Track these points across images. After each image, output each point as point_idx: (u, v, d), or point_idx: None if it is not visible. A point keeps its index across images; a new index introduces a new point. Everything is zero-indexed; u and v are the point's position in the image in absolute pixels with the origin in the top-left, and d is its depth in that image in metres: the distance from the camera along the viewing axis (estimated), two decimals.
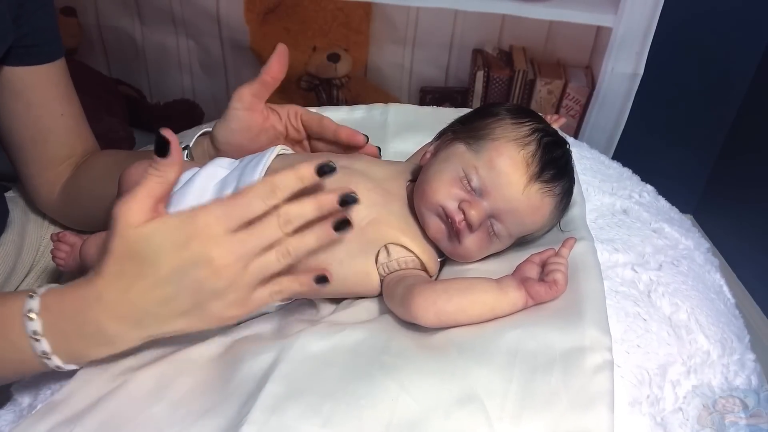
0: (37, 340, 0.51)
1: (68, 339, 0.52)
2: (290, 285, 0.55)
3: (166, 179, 0.52)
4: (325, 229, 0.53)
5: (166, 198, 0.53)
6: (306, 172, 0.52)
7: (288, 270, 0.54)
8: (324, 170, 0.52)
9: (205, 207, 0.51)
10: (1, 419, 0.57)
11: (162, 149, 0.51)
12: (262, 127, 0.73)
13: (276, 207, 0.52)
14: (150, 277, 0.50)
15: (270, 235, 0.52)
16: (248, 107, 0.71)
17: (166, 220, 0.50)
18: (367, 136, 0.74)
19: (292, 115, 0.75)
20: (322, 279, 0.56)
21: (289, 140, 0.76)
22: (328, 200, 0.53)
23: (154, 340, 0.60)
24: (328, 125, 0.74)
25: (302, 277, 0.56)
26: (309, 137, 0.77)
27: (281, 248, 0.53)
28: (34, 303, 0.51)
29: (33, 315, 0.51)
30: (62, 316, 0.52)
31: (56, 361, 0.53)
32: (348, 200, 0.53)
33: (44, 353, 0.52)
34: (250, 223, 0.51)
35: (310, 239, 0.53)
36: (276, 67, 0.72)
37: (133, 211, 0.50)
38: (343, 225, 0.53)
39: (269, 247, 0.52)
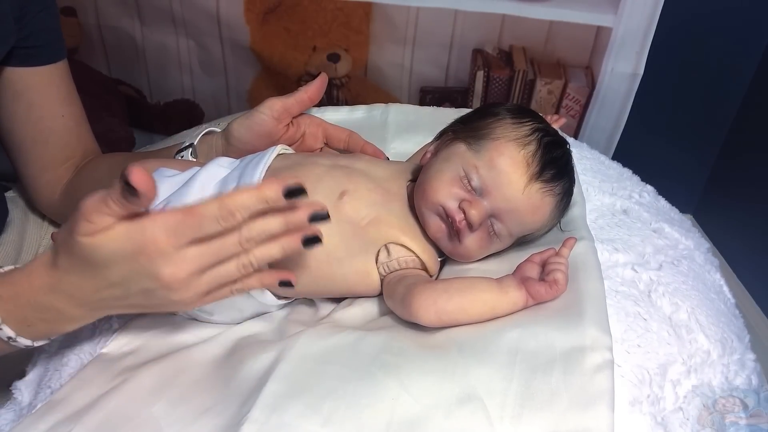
0: None
1: (30, 323, 0.53)
2: (252, 284, 0.54)
3: (134, 210, 0.48)
4: (293, 243, 0.52)
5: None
6: (271, 194, 0.48)
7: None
8: (293, 193, 0.49)
9: (155, 219, 0.48)
10: (1, 418, 0.57)
11: (131, 192, 0.46)
12: (280, 135, 0.74)
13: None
14: (102, 280, 0.50)
15: (228, 251, 0.50)
16: (276, 117, 0.73)
17: (118, 233, 0.48)
18: (387, 158, 0.78)
19: (313, 124, 0.77)
20: (286, 284, 0.55)
21: (304, 146, 0.78)
22: (296, 219, 0.51)
23: (154, 339, 0.60)
24: (357, 141, 0.76)
25: (266, 278, 0.55)
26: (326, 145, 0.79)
27: (243, 260, 0.51)
28: None
29: None
30: (19, 304, 0.52)
31: (24, 341, 0.53)
32: (318, 218, 0.51)
33: (9, 338, 0.52)
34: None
35: (274, 250, 0.52)
36: (316, 90, 0.75)
37: (92, 224, 0.48)
38: (312, 241, 0.52)
39: (228, 258, 0.51)
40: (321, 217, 0.51)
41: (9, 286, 0.52)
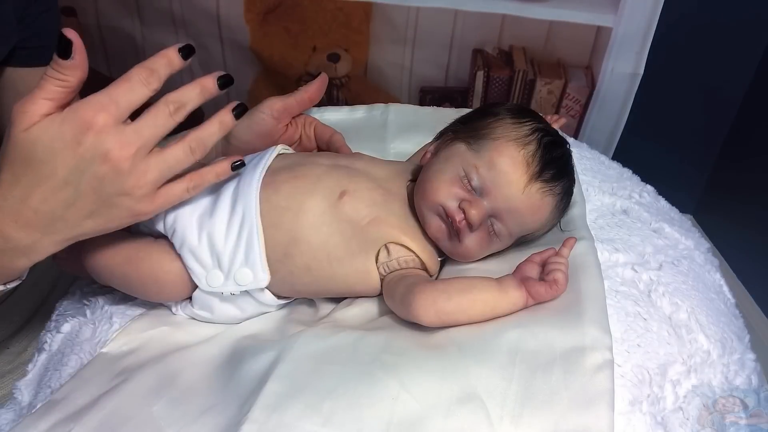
0: None
1: None
2: (207, 176, 0.56)
3: (68, 84, 0.49)
4: (224, 115, 0.55)
5: (66, 105, 0.50)
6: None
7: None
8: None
9: (87, 98, 0.48)
10: (1, 418, 0.57)
11: (65, 51, 0.47)
12: (280, 135, 0.75)
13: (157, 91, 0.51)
14: (48, 181, 0.48)
15: (163, 123, 0.51)
16: (276, 117, 0.73)
17: (53, 118, 0.48)
18: None
19: (307, 125, 0.78)
20: (238, 165, 0.56)
21: (300, 147, 0.78)
22: (208, 81, 0.53)
23: (154, 339, 0.60)
24: (336, 141, 0.77)
25: (218, 167, 0.56)
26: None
27: (184, 144, 0.53)
28: None
29: None
30: None
31: None
32: (225, 81, 0.54)
33: None
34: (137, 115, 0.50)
35: (212, 127, 0.54)
36: (316, 90, 0.75)
37: (27, 114, 0.47)
38: (225, 82, 0.54)
39: (164, 127, 0.52)
40: (228, 80, 0.54)
41: None
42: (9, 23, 0.68)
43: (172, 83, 0.54)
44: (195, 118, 1.60)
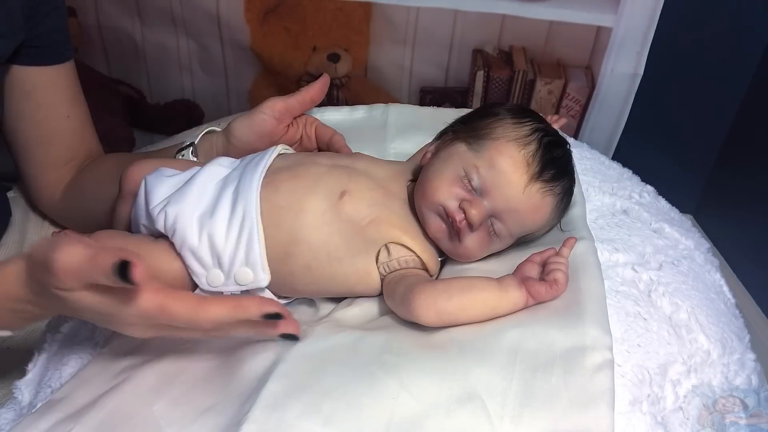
0: None
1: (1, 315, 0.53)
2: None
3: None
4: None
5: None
6: (250, 313, 0.49)
7: None
8: (271, 317, 0.49)
9: (129, 295, 0.48)
10: (1, 418, 0.57)
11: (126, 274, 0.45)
12: (280, 135, 0.75)
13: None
14: (69, 311, 0.52)
15: (191, 336, 0.53)
16: (277, 117, 0.73)
17: (90, 296, 0.48)
18: None
19: (308, 125, 0.78)
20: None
21: (301, 147, 0.78)
22: (269, 334, 0.51)
23: (154, 339, 0.60)
24: (337, 141, 0.77)
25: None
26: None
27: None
28: None
29: None
30: None
31: None
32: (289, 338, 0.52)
33: None
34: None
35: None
36: (318, 91, 0.76)
37: (65, 284, 0.47)
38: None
39: None
40: (292, 338, 0.52)
41: None
42: (16, 20, 0.68)
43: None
44: (195, 118, 1.58)
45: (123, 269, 0.44)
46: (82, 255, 0.46)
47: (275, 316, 0.49)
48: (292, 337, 0.52)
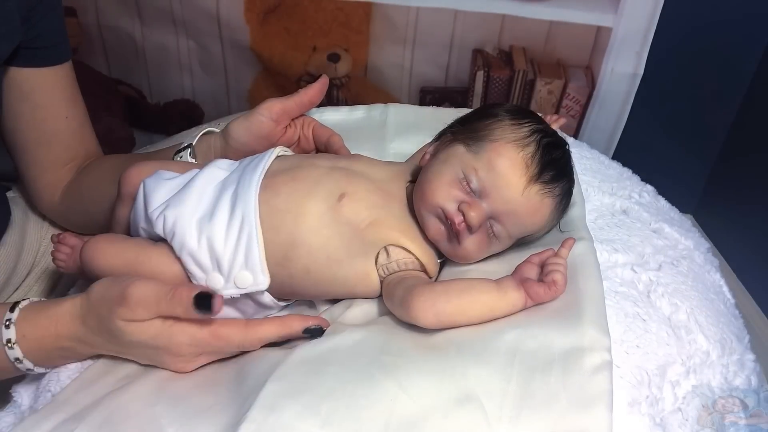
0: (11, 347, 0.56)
1: (49, 359, 0.58)
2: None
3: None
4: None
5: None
6: (294, 329, 0.58)
7: None
8: (312, 332, 0.58)
9: (185, 329, 0.55)
10: (1, 421, 0.57)
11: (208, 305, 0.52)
12: (278, 137, 0.75)
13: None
14: (122, 348, 0.57)
15: (231, 353, 0.59)
16: (275, 119, 0.73)
17: (150, 326, 0.55)
18: None
19: (306, 126, 0.78)
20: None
21: (299, 148, 0.78)
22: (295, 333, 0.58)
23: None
24: (335, 142, 0.77)
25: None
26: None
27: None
28: (11, 333, 0.56)
29: (11, 344, 0.56)
30: (42, 345, 0.57)
31: (39, 369, 0.58)
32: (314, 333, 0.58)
33: (28, 369, 0.57)
34: None
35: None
36: (316, 92, 0.76)
37: (134, 314, 0.54)
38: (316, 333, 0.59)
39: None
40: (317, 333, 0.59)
41: (34, 328, 0.56)
42: (12, 21, 0.68)
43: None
44: (195, 118, 1.59)
45: (203, 300, 0.52)
46: (158, 288, 0.54)
47: (318, 331, 0.58)
48: (317, 333, 0.58)
